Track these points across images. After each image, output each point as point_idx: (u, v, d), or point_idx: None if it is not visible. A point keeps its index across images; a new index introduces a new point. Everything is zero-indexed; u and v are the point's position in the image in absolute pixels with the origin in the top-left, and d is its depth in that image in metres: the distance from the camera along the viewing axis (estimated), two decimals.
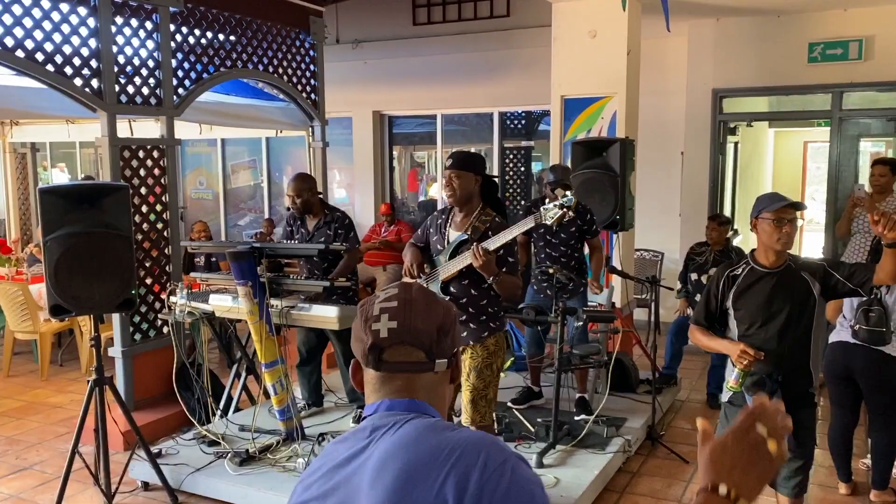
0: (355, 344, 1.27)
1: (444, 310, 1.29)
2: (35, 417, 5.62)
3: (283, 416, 4.53)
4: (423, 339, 1.24)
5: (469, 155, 3.62)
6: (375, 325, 1.23)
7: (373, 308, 1.27)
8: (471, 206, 3.52)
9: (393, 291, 1.29)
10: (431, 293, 1.32)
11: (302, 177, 5.01)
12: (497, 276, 3.38)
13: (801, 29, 6.64)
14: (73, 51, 4.74)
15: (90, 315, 3.95)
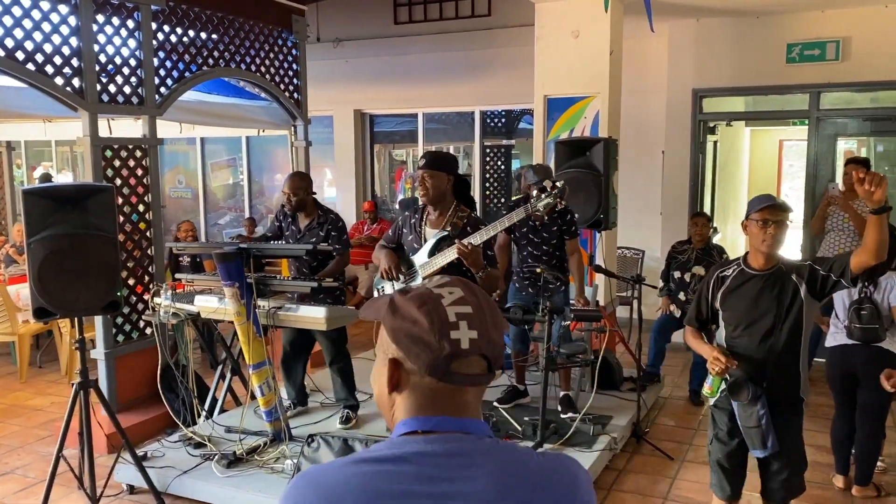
0: (417, 347, 1.11)
1: (501, 314, 1.21)
2: (15, 421, 5.55)
3: (269, 417, 4.52)
4: (496, 350, 1.15)
5: (441, 155, 3.71)
6: (455, 332, 1.10)
7: (445, 312, 1.11)
8: (444, 204, 3.64)
9: (458, 292, 1.15)
10: (486, 294, 1.21)
11: (299, 175, 5.02)
12: (484, 269, 3.48)
13: (779, 30, 6.73)
14: (53, 49, 4.68)
15: (74, 318, 3.90)
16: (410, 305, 1.13)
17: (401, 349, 1.12)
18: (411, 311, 1.12)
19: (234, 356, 5.14)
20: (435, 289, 1.15)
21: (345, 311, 4.47)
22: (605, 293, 6.16)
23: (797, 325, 2.95)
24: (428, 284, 1.17)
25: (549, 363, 4.24)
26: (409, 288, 1.17)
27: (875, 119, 6.84)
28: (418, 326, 1.11)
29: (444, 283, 1.17)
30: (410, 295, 1.14)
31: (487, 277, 3.52)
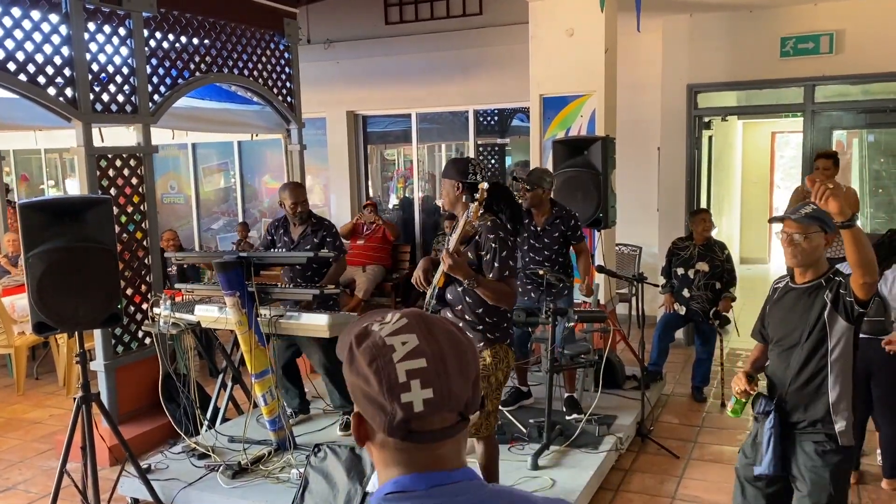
0: (371, 408, 1.02)
1: (471, 355, 1.08)
2: (14, 434, 5.49)
3: (273, 426, 4.48)
4: (461, 402, 1.03)
5: (452, 162, 3.60)
6: (405, 395, 0.99)
7: (395, 370, 1.00)
8: (463, 210, 3.47)
9: (413, 340, 1.02)
10: (454, 331, 1.09)
11: (298, 184, 5.03)
12: (472, 279, 3.27)
13: (772, 23, 6.73)
14: (45, 59, 4.62)
15: (75, 332, 3.86)
16: (362, 360, 1.03)
17: (359, 407, 1.05)
18: (363, 367, 1.02)
19: (235, 364, 5.10)
20: (388, 338, 1.03)
21: (346, 318, 4.44)
22: (606, 291, 6.15)
23: (819, 343, 2.72)
24: (384, 330, 1.04)
25: (553, 365, 4.22)
26: (367, 331, 1.06)
27: (870, 111, 6.85)
28: (370, 386, 1.01)
29: (400, 329, 1.04)
30: (364, 345, 1.04)
31: (483, 288, 3.29)
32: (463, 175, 3.46)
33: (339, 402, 4.95)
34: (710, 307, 5.58)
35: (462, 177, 3.46)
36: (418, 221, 9.81)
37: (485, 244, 3.36)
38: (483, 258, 3.37)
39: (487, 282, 3.33)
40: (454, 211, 3.54)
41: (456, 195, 3.46)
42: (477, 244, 3.38)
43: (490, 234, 3.35)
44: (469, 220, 3.21)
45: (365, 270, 8.93)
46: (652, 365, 5.67)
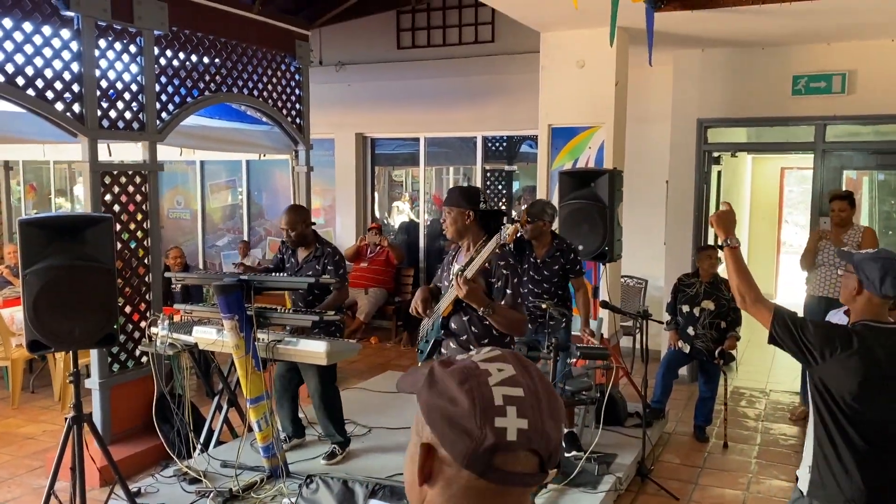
0: (453, 432, 0.93)
1: (561, 403, 1.02)
2: (6, 450, 5.43)
3: (266, 452, 4.41)
4: (550, 446, 0.95)
5: (459, 190, 3.54)
6: (500, 420, 0.92)
7: (491, 392, 0.93)
8: (471, 239, 3.43)
9: (510, 370, 0.97)
10: (544, 376, 1.02)
11: (295, 209, 4.91)
12: (488, 307, 3.22)
13: (785, 61, 6.71)
14: (54, 75, 4.62)
15: (69, 351, 3.81)
16: (450, 381, 0.95)
17: (435, 433, 0.95)
18: (450, 387, 0.95)
19: (231, 386, 5.03)
20: (482, 363, 0.97)
21: (346, 346, 4.38)
22: (609, 324, 6.07)
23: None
24: (475, 356, 0.99)
25: None
26: (452, 359, 1.00)
27: (881, 152, 6.80)
28: (457, 407, 0.93)
29: (494, 358, 0.99)
30: (452, 368, 0.97)
31: (496, 316, 3.24)
32: (474, 204, 3.41)
33: (329, 431, 4.87)
34: (715, 346, 5.50)
35: (474, 206, 3.40)
36: (423, 245, 9.76)
37: (496, 271, 3.32)
38: (494, 285, 3.32)
39: (502, 308, 3.28)
40: (460, 240, 3.49)
41: (466, 224, 3.40)
42: (486, 271, 3.32)
43: (501, 261, 3.32)
44: (502, 242, 3.12)
45: (367, 293, 8.88)
46: (655, 402, 5.58)
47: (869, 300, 2.56)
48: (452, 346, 3.44)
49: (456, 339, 3.41)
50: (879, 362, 2.48)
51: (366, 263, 9.07)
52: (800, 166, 11.81)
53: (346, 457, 4.79)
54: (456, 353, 3.31)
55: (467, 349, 3.35)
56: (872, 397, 2.48)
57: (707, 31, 6.28)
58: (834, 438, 2.54)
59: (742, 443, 5.65)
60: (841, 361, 2.48)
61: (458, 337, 3.40)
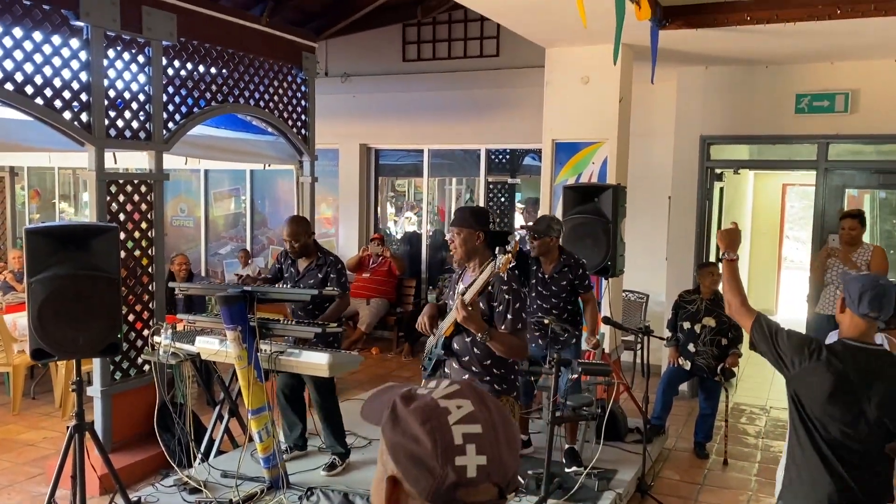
0: (416, 470, 0.98)
1: (517, 429, 1.07)
2: (6, 456, 5.43)
3: (267, 463, 4.41)
4: (508, 475, 1.00)
5: (470, 210, 3.52)
6: (460, 458, 0.96)
7: (451, 432, 0.98)
8: (478, 261, 3.40)
9: (468, 406, 1.01)
10: (500, 404, 1.07)
11: (297, 220, 4.92)
12: (486, 333, 3.19)
13: (788, 80, 6.74)
14: (63, 84, 4.65)
15: (73, 360, 3.83)
16: (413, 420, 1.00)
17: (399, 469, 0.99)
18: (413, 426, 0.99)
19: (233, 396, 5.04)
20: (442, 400, 1.01)
21: (348, 358, 4.39)
22: (611, 339, 6.08)
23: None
24: (435, 393, 1.03)
25: (555, 417, 4.15)
26: (413, 394, 1.04)
27: (883, 172, 6.83)
28: (420, 447, 0.97)
29: (453, 394, 1.03)
30: (414, 406, 1.01)
31: (495, 341, 3.22)
32: (485, 224, 3.40)
33: (329, 442, 4.88)
34: (716, 363, 5.51)
35: (484, 226, 3.39)
36: (425, 256, 9.79)
37: (497, 295, 3.29)
38: (495, 309, 3.29)
39: (500, 335, 3.25)
40: (469, 261, 3.46)
41: (476, 245, 3.38)
42: (489, 294, 3.30)
43: (503, 286, 3.28)
44: (496, 272, 3.11)
45: (369, 303, 8.89)
46: (655, 419, 5.58)
47: (852, 318, 2.66)
48: (455, 365, 3.43)
49: (458, 360, 3.40)
50: (849, 379, 2.55)
51: (368, 274, 9.09)
52: (802, 183, 11.84)
53: (346, 468, 4.79)
54: (458, 374, 3.33)
55: (469, 370, 3.36)
56: (838, 412, 2.56)
57: (711, 49, 6.32)
58: (803, 446, 2.65)
59: (742, 460, 5.65)
60: (809, 371, 2.58)
61: (461, 357, 3.39)
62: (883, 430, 2.56)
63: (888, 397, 2.54)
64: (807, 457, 2.64)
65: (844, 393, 2.55)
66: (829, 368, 2.55)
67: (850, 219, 5.79)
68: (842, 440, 2.58)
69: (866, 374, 2.56)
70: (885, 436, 2.57)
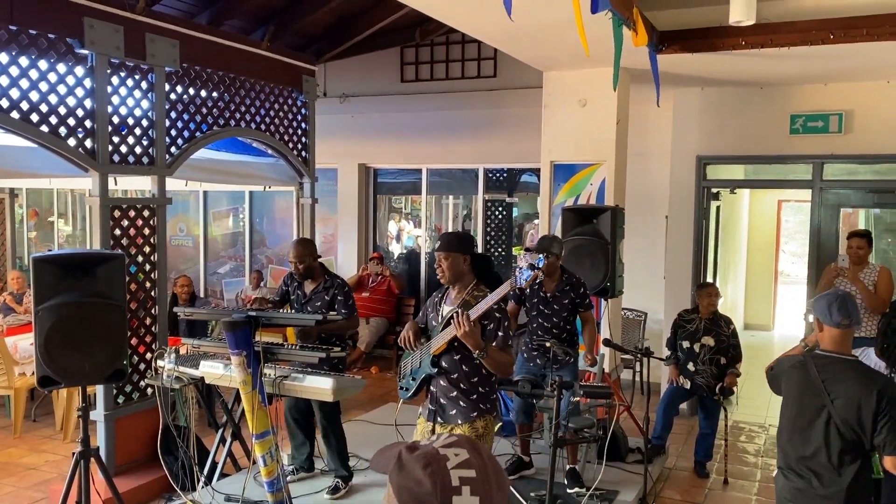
0: None
1: (505, 476, 1.22)
2: (8, 480, 5.43)
3: (271, 487, 4.42)
4: None
5: (456, 236, 3.72)
6: (457, 499, 1.10)
7: (449, 476, 1.12)
8: (463, 283, 3.57)
9: (464, 454, 1.15)
10: (492, 455, 1.23)
11: (303, 242, 4.96)
12: (484, 350, 3.33)
13: (783, 101, 6.83)
14: (67, 111, 4.71)
15: (78, 386, 3.86)
16: (416, 465, 1.13)
17: None
18: (416, 471, 1.12)
19: (235, 419, 5.06)
20: (441, 448, 1.15)
21: (351, 382, 4.42)
22: (610, 359, 6.12)
23: None
24: (436, 443, 1.17)
25: (557, 440, 4.17)
26: (417, 445, 1.18)
27: (878, 191, 6.90)
28: (421, 488, 1.11)
29: (451, 444, 1.17)
30: (417, 453, 1.15)
31: (490, 358, 3.37)
32: (470, 249, 3.59)
33: (333, 465, 4.90)
34: (715, 382, 5.55)
35: (470, 251, 3.59)
36: (424, 274, 9.83)
37: (489, 314, 3.42)
38: (486, 327, 3.43)
39: (494, 351, 3.40)
40: (456, 283, 3.60)
41: (463, 268, 3.56)
42: (481, 314, 3.40)
43: (493, 306, 3.41)
44: (520, 287, 3.33)
45: (368, 322, 8.92)
46: (656, 438, 5.60)
47: (829, 333, 3.00)
48: (442, 383, 3.55)
49: (447, 377, 3.52)
50: (811, 383, 2.99)
51: (367, 293, 9.13)
52: (797, 199, 11.93)
53: (349, 491, 4.81)
54: (446, 391, 3.42)
55: (457, 387, 3.49)
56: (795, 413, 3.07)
57: (707, 72, 6.41)
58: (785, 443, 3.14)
59: (742, 479, 5.68)
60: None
61: (449, 374, 3.52)
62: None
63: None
64: (786, 452, 3.14)
65: (800, 395, 3.08)
66: (790, 375, 3.17)
67: (858, 238, 5.83)
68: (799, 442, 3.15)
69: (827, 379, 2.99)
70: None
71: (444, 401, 3.52)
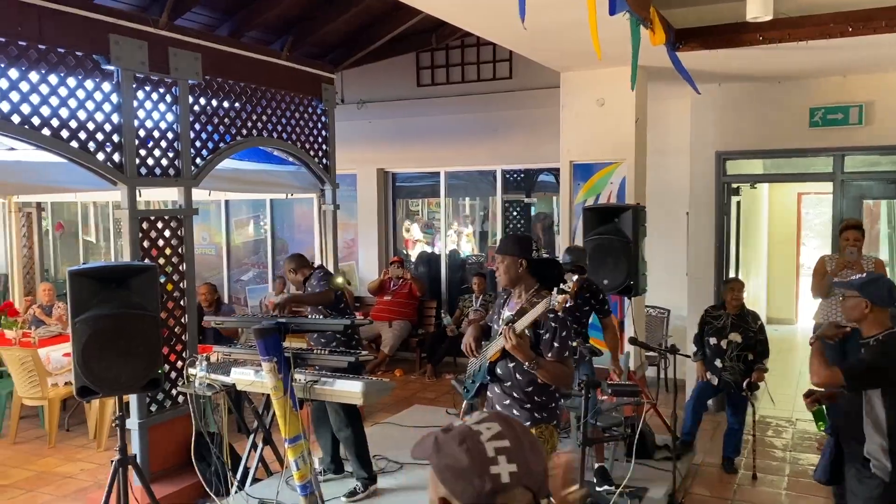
0: (460, 484, 1.16)
1: (540, 444, 1.27)
2: (46, 489, 5.54)
3: (304, 491, 4.48)
4: (538, 480, 1.18)
5: (513, 238, 3.54)
6: (494, 467, 1.15)
7: (483, 447, 1.17)
8: (525, 286, 3.45)
9: (496, 427, 1.21)
10: (525, 426, 1.31)
11: (291, 257, 5.36)
12: (534, 361, 3.22)
13: (801, 94, 6.81)
14: (96, 126, 4.81)
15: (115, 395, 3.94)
16: (452, 443, 1.19)
17: (447, 487, 1.18)
18: (453, 448, 1.19)
19: (267, 425, 5.13)
20: (474, 425, 1.22)
21: (380, 385, 4.48)
22: (635, 357, 6.14)
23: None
24: (468, 421, 1.23)
25: (586, 438, 4.21)
26: (451, 426, 1.24)
27: None
28: (460, 464, 1.17)
29: (483, 419, 1.24)
30: (452, 433, 1.22)
31: (542, 369, 3.24)
32: (528, 252, 3.43)
33: (353, 467, 4.95)
34: (743, 378, 5.55)
35: (527, 253, 3.42)
36: (444, 277, 9.88)
37: (544, 323, 3.29)
38: (542, 337, 3.30)
39: (546, 363, 3.27)
40: (513, 287, 3.50)
41: (518, 273, 3.42)
42: (535, 322, 3.30)
43: (550, 314, 3.28)
44: (551, 308, 3.16)
45: (391, 326, 8.98)
46: (685, 435, 5.62)
47: (881, 315, 3.31)
48: (497, 390, 3.46)
49: (500, 385, 3.43)
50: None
51: (389, 297, 9.19)
52: (817, 192, 11.85)
53: (373, 494, 4.85)
54: (500, 398, 3.41)
55: (511, 395, 3.39)
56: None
57: (724, 68, 6.41)
58: None
59: (771, 474, 5.68)
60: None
61: (503, 382, 3.42)
62: None
63: None
64: None
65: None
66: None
67: (855, 230, 5.80)
68: None
69: None
70: None
71: (499, 408, 3.41)
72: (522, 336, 3.21)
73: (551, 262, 3.55)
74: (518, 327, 3.21)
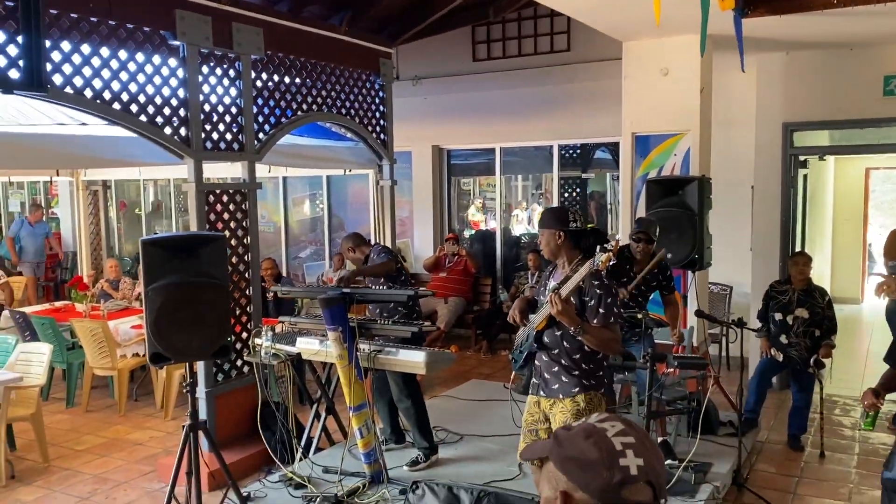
0: (587, 475, 1.17)
1: (660, 449, 1.33)
2: (118, 455, 5.74)
3: (368, 459, 4.56)
4: (661, 479, 1.19)
5: (550, 211, 3.58)
6: (623, 460, 1.16)
7: (611, 442, 1.19)
8: (567, 257, 3.49)
9: (619, 425, 1.22)
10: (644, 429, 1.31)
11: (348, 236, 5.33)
12: (580, 326, 3.27)
13: (875, 62, 6.55)
14: (163, 101, 4.90)
15: (187, 362, 4.04)
16: (578, 438, 1.21)
17: (571, 479, 1.18)
18: (579, 442, 1.20)
19: (329, 394, 5.22)
20: (598, 423, 1.23)
21: (443, 356, 4.51)
22: (699, 332, 6.04)
23: None
24: (590, 420, 1.25)
25: (650, 412, 4.17)
26: (570, 425, 1.26)
27: None
28: (587, 456, 1.18)
29: (605, 419, 1.25)
30: (574, 430, 1.24)
31: (588, 334, 3.30)
32: (564, 223, 3.46)
33: (414, 437, 4.98)
34: (809, 355, 5.41)
35: (563, 225, 3.45)
36: (499, 254, 9.86)
37: (588, 290, 3.34)
38: (587, 304, 3.35)
39: (592, 328, 3.32)
40: (556, 259, 3.55)
41: (557, 244, 3.46)
42: (580, 290, 3.35)
43: (594, 280, 3.33)
44: (594, 269, 3.17)
45: (447, 302, 9.01)
46: (749, 412, 5.51)
47: None
48: (545, 358, 3.51)
49: (548, 353, 3.49)
50: None
51: (444, 273, 9.21)
52: (886, 166, 11.43)
53: (433, 464, 4.88)
54: (548, 366, 3.41)
55: (559, 363, 3.43)
56: None
57: (792, 35, 6.20)
58: None
59: (840, 452, 5.54)
60: None
61: (551, 350, 3.47)
62: None
63: None
64: None
65: None
66: None
67: None
68: None
69: None
70: None
71: (548, 375, 3.48)
72: (568, 301, 3.25)
73: (596, 231, 3.56)
74: (563, 292, 3.25)
